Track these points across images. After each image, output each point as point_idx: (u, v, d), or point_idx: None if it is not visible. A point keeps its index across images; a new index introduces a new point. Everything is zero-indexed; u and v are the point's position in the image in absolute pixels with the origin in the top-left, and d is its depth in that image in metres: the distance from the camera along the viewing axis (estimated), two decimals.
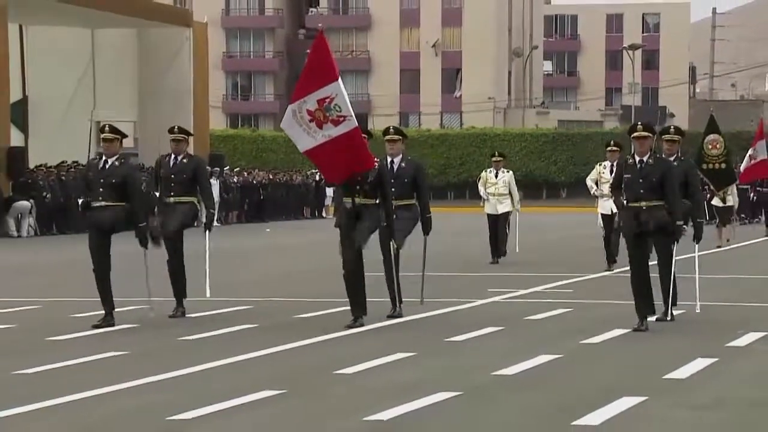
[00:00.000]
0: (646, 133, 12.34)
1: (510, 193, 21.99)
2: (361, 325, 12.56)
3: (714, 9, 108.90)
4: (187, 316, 13.94)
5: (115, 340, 12.08)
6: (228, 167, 46.04)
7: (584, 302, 15.44)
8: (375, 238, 13.06)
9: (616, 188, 12.72)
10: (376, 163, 12.72)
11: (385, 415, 8.17)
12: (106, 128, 13.13)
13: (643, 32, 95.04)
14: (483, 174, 22.50)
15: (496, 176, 22.02)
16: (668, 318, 12.98)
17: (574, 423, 7.93)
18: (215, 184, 42.84)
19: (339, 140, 12.40)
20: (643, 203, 12.25)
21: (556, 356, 10.81)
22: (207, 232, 14.19)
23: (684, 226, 12.68)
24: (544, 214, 48.85)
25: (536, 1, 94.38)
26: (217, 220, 41.88)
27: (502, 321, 13.38)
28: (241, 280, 19.30)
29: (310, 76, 12.60)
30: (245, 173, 46.51)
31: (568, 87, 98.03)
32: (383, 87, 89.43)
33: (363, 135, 12.68)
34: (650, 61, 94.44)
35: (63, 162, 36.16)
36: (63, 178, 34.63)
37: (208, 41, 47.36)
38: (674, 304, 13.19)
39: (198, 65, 44.78)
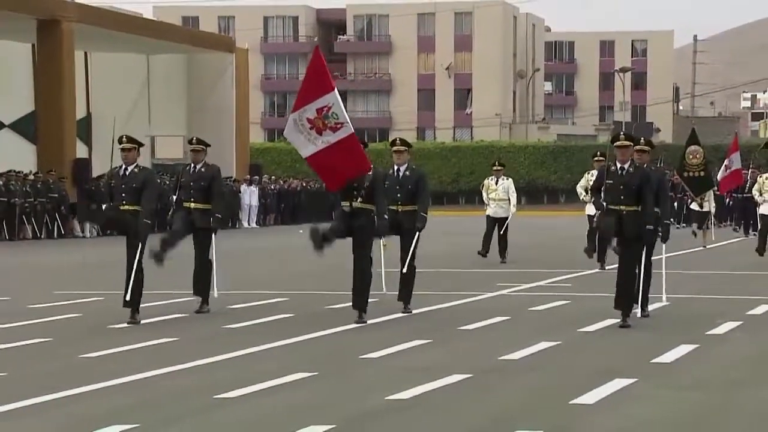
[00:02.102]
0: (627, 143, 11.99)
1: (509, 199, 21.62)
2: (364, 322, 12.12)
3: (695, 36, 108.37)
4: (229, 307, 13.92)
5: (168, 328, 12.10)
6: (266, 176, 46.07)
7: (581, 295, 15.39)
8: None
9: (595, 190, 12.30)
10: (371, 170, 12.31)
11: (406, 394, 8.17)
12: (124, 138, 12.62)
13: (632, 57, 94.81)
14: (485, 181, 22.08)
15: (497, 183, 21.65)
16: (644, 314, 12.51)
17: (572, 402, 7.90)
18: (254, 191, 42.95)
19: (338, 145, 12.09)
20: (623, 207, 11.86)
21: (556, 343, 10.78)
22: (213, 234, 13.43)
23: (653, 229, 12.22)
24: (544, 218, 48.73)
25: (538, 29, 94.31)
26: (256, 223, 42.30)
27: (508, 312, 13.35)
28: (278, 275, 19.31)
29: (308, 87, 12.28)
30: (281, 181, 46.53)
31: (566, 105, 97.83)
32: (403, 105, 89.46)
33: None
34: (638, 82, 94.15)
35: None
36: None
37: (248, 65, 47.48)
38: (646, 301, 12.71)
39: (240, 86, 44.90)
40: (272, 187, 44.82)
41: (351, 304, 12.41)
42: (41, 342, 11.12)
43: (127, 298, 12.29)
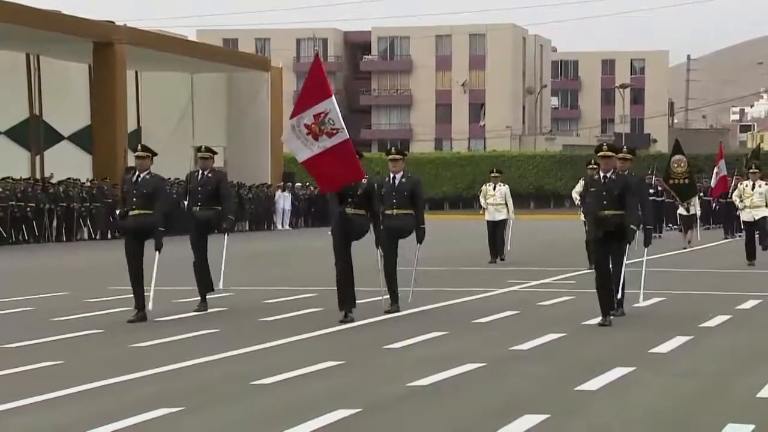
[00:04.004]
0: (610, 153, 11.60)
1: (506, 204, 21.18)
2: (352, 320, 11.56)
3: (688, 56, 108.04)
4: (264, 302, 13.90)
5: (209, 320, 12.09)
6: (298, 183, 46.14)
7: (584, 291, 15.28)
8: (365, 242, 12.13)
9: (584, 200, 12.07)
10: (365, 178, 11.78)
11: (425, 381, 8.14)
12: (139, 147, 12.21)
13: (631, 74, 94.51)
14: (483, 187, 21.62)
15: (494, 189, 21.24)
16: (619, 313, 11.90)
17: (577, 388, 7.86)
18: (287, 196, 42.98)
19: (333, 150, 11.62)
20: (606, 212, 11.47)
21: (562, 335, 10.73)
22: (226, 235, 12.99)
23: (635, 230, 11.68)
24: (551, 221, 48.60)
25: (545, 49, 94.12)
26: (288, 225, 42.30)
27: (518, 306, 13.30)
28: (308, 272, 19.28)
29: (307, 93, 11.68)
30: (312, 188, 46.52)
31: (571, 118, 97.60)
32: (422, 118, 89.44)
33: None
34: (637, 98, 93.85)
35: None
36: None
37: (282, 82, 47.58)
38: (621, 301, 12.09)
39: (274, 101, 45.01)
40: (303, 192, 44.86)
41: (344, 303, 11.75)
42: (96, 333, 11.15)
43: (149, 303, 11.83)
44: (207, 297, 13.03)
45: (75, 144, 37.92)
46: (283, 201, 42.39)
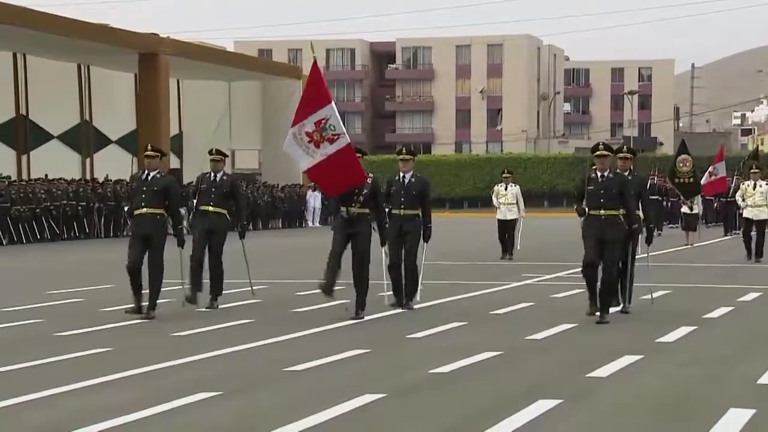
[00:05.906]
0: (606, 152, 10.85)
1: (517, 203, 20.71)
2: (361, 318, 11.14)
3: (693, 64, 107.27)
4: (296, 294, 13.90)
5: (244, 311, 12.11)
6: None
7: None
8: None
9: (578, 199, 11.36)
10: (369, 179, 11.30)
11: (446, 368, 8.13)
12: (149, 147, 11.66)
13: (639, 81, 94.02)
14: (495, 187, 21.16)
15: (506, 189, 20.80)
16: (626, 311, 11.55)
17: (588, 375, 7.83)
18: (317, 195, 42.98)
19: (335, 156, 11.07)
20: (602, 211, 10.86)
21: (574, 325, 10.69)
22: (242, 240, 12.58)
23: (638, 228, 11.27)
24: (564, 218, 48.34)
25: (558, 58, 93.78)
26: (319, 222, 42.23)
27: (532, 298, 13.25)
28: None
29: (307, 101, 11.18)
30: None
31: (582, 123, 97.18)
32: (443, 123, 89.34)
33: (357, 154, 11.26)
34: (644, 103, 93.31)
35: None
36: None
37: None
38: (629, 299, 11.74)
39: None
40: None
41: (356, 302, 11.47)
42: (140, 322, 11.20)
43: (183, 280, 11.34)
44: (218, 297, 12.44)
45: (121, 147, 38.20)
46: (314, 200, 42.46)
